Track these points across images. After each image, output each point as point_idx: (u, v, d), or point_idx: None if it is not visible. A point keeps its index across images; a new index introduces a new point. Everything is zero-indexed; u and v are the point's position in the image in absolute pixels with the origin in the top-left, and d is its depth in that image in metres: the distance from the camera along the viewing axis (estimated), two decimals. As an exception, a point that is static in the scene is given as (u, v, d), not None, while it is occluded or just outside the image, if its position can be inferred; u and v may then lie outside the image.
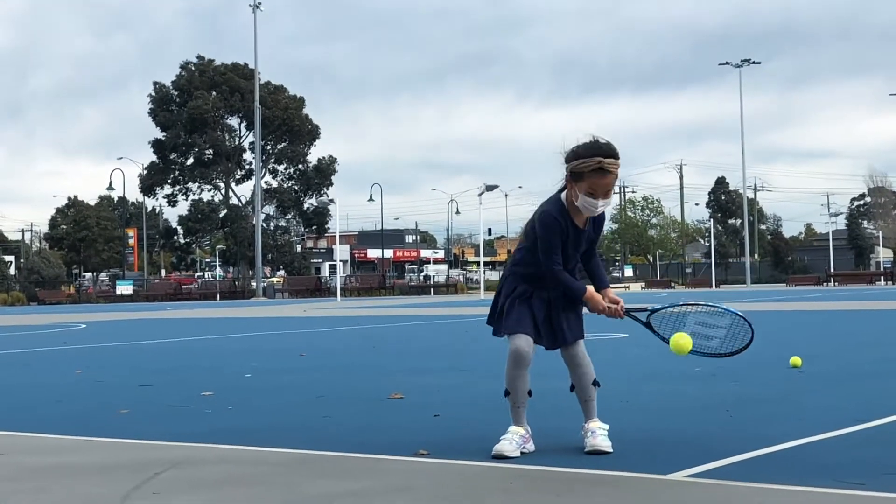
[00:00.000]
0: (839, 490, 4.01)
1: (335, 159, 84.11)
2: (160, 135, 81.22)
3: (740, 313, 5.10)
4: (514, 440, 4.98)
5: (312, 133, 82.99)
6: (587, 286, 5.06)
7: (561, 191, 5.04)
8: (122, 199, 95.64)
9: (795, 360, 9.97)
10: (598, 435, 5.03)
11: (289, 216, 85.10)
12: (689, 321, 5.16)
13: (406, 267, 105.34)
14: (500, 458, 4.88)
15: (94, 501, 4.20)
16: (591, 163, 4.86)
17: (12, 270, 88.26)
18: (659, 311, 5.19)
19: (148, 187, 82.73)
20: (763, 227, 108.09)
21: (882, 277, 75.83)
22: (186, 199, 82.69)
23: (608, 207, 5.03)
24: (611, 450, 4.96)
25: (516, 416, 5.09)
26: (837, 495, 3.94)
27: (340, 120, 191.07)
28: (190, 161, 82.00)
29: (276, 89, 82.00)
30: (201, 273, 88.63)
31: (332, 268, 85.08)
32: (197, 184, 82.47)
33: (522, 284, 5.13)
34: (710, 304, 5.23)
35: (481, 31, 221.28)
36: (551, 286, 5.08)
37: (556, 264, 5.02)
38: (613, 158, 4.89)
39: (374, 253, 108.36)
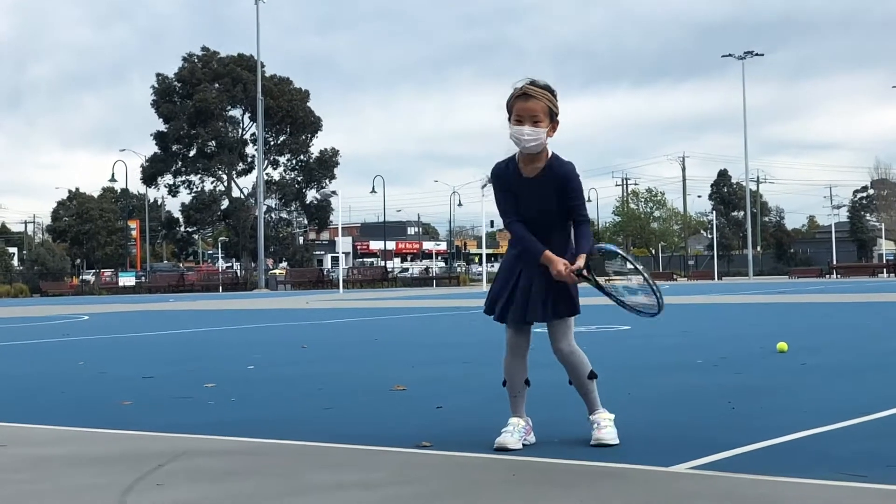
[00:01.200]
0: (841, 482, 4.01)
1: (337, 151, 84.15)
2: (162, 126, 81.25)
3: (629, 258, 5.03)
4: (515, 432, 4.98)
5: (315, 125, 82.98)
6: (545, 250, 4.90)
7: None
8: (125, 191, 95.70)
9: (782, 345, 10.01)
10: (604, 427, 5.02)
11: (291, 208, 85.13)
12: (615, 279, 5.11)
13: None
14: (503, 450, 4.88)
15: (96, 493, 4.20)
16: (515, 90, 4.91)
17: (15, 262, 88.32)
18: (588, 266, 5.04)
19: (150, 177, 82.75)
20: (766, 219, 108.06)
21: (884, 270, 75.78)
22: (189, 192, 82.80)
23: (539, 141, 4.85)
24: (616, 442, 4.96)
25: (514, 405, 5.09)
26: (839, 487, 3.94)
27: (341, 111, 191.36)
28: (192, 153, 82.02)
29: (280, 81, 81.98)
30: (229, 263, 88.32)
31: (335, 259, 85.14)
32: (199, 175, 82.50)
33: (513, 260, 5.10)
34: (603, 247, 5.10)
35: (482, 22, 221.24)
36: (527, 254, 4.97)
37: (508, 217, 4.98)
38: (540, 88, 4.88)
39: (376, 245, 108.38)
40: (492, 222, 79.88)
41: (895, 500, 3.76)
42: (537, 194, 4.95)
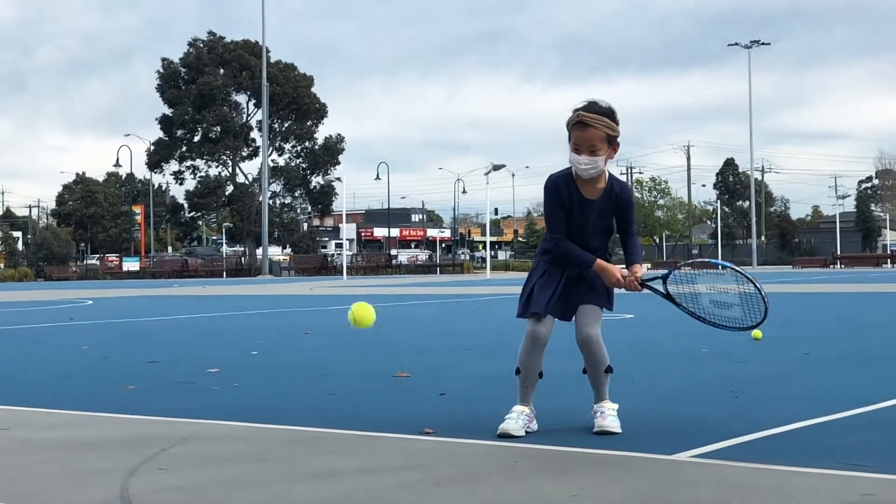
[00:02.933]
0: (843, 472, 4.01)
1: (343, 138, 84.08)
2: (168, 111, 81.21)
3: (739, 269, 5.07)
4: (519, 419, 4.98)
5: (320, 112, 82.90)
6: (597, 258, 4.98)
7: None
8: (130, 176, 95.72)
9: (756, 333, 10.00)
10: (608, 415, 5.03)
11: (295, 194, 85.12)
12: (702, 291, 5.16)
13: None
14: (506, 436, 4.89)
15: (100, 476, 4.21)
16: (572, 116, 4.90)
17: (20, 246, 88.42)
18: (670, 276, 5.14)
19: (155, 163, 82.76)
20: (771, 209, 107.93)
21: (889, 260, 75.69)
22: (194, 177, 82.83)
23: (597, 170, 4.89)
24: (619, 430, 4.96)
25: (523, 395, 5.09)
26: (841, 476, 3.94)
27: (346, 98, 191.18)
28: (197, 138, 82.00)
29: (286, 67, 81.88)
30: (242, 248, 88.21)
31: (339, 246, 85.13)
32: (204, 160, 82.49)
33: (552, 268, 5.11)
34: (713, 261, 5.20)
35: (487, 10, 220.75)
36: (571, 266, 5.03)
37: (557, 232, 5.00)
38: (596, 113, 4.86)
39: (380, 232, 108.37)
40: (496, 210, 79.84)
41: (897, 490, 3.77)
42: (597, 214, 5.02)
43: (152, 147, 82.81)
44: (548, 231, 5.07)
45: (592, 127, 4.85)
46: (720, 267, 5.12)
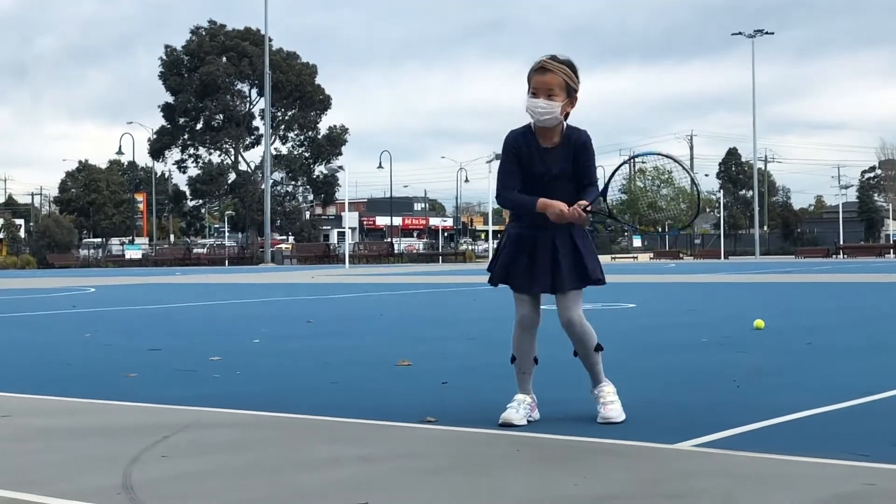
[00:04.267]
0: (845, 461, 4.01)
1: (346, 129, 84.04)
2: (170, 99, 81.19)
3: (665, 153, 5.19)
4: (520, 408, 4.98)
5: (324, 102, 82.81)
6: (539, 198, 4.88)
7: None
8: (132, 164, 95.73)
9: (759, 322, 10.03)
10: (609, 403, 5.01)
11: (298, 183, 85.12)
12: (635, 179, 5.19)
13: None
14: (508, 426, 4.89)
15: (102, 463, 4.22)
16: (535, 64, 4.93)
17: (22, 233, 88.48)
18: (606, 189, 5.04)
19: (157, 151, 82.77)
20: (774, 198, 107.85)
21: (892, 250, 75.64)
22: (196, 165, 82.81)
23: (552, 115, 4.85)
24: (622, 419, 4.95)
25: (521, 382, 5.09)
26: (843, 466, 3.94)
27: (348, 86, 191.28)
28: (200, 126, 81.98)
29: (288, 55, 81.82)
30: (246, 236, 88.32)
31: (341, 235, 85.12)
32: (206, 148, 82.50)
33: (512, 227, 5.09)
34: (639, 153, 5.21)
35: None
36: (521, 213, 4.99)
37: (508, 188, 4.97)
38: (557, 62, 4.90)
39: (382, 220, 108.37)
40: (498, 199, 79.63)
41: (899, 480, 3.77)
42: (554, 162, 4.97)
43: (154, 135, 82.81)
44: (497, 186, 5.03)
45: (552, 72, 4.89)
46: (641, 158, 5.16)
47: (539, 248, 4.99)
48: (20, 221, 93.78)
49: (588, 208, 4.87)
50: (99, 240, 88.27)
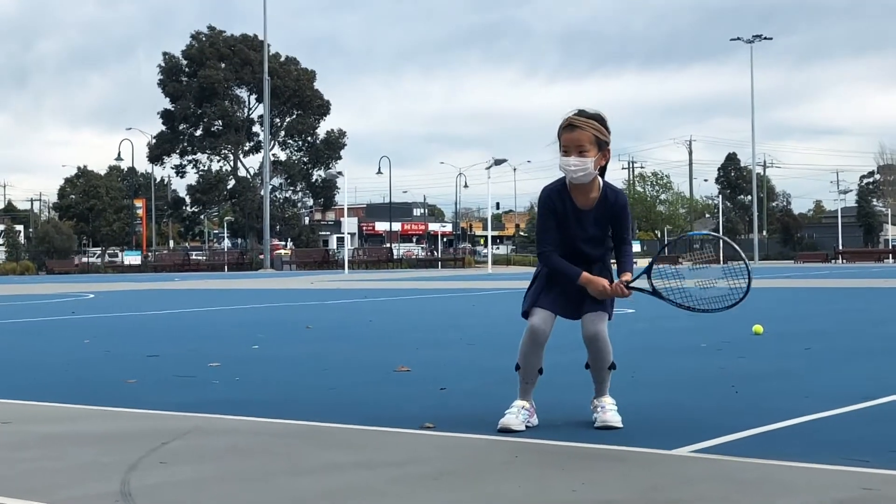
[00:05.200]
0: (844, 466, 4.01)
1: (345, 133, 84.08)
2: (169, 105, 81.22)
3: (724, 238, 5.10)
4: (519, 414, 4.98)
5: (323, 108, 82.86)
6: (583, 272, 4.96)
7: None
8: (132, 170, 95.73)
9: (757, 327, 10.05)
10: (609, 410, 5.03)
11: (297, 188, 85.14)
12: (688, 281, 5.16)
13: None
14: (506, 431, 4.89)
15: (101, 470, 4.22)
16: (563, 121, 4.93)
17: (21, 239, 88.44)
18: (652, 270, 5.13)
19: (156, 156, 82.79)
20: (773, 203, 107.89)
21: (891, 255, 75.65)
22: (195, 171, 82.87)
23: (586, 171, 4.87)
24: (620, 425, 4.96)
25: (523, 391, 5.08)
26: (842, 472, 3.94)
27: (348, 92, 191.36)
28: (199, 132, 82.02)
29: (287, 61, 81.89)
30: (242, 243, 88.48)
31: (340, 240, 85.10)
32: (206, 154, 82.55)
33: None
34: (692, 234, 5.18)
35: (489, 3, 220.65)
36: (560, 279, 5.03)
37: (546, 245, 4.99)
38: (585, 117, 4.89)
39: (382, 226, 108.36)
40: (497, 204, 79.83)
41: (897, 486, 3.77)
42: (592, 224, 5.02)
43: (154, 141, 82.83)
44: (537, 243, 5.08)
45: (580, 128, 4.88)
46: (700, 241, 5.13)
47: (569, 286, 5.03)
48: (20, 227, 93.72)
49: (631, 284, 4.96)
50: (98, 249, 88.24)
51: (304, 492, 3.81)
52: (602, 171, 5.02)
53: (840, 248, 78.13)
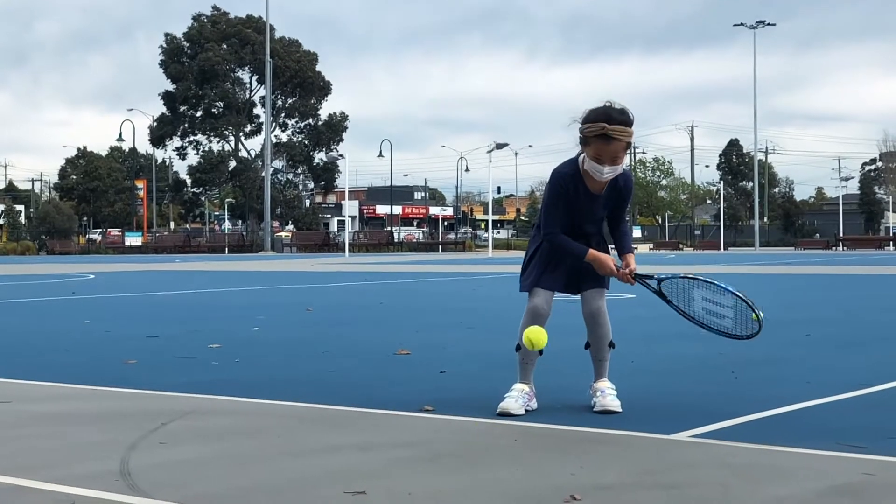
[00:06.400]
0: (841, 453, 4.02)
1: (346, 115, 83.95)
2: (170, 86, 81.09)
3: (741, 294, 5.00)
4: (519, 398, 4.98)
5: (324, 89, 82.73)
6: (589, 248, 4.96)
7: (581, 153, 4.96)
8: (133, 151, 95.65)
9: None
10: (608, 395, 5.03)
11: (298, 171, 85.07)
12: (696, 296, 5.11)
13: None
14: (506, 415, 4.89)
15: (100, 450, 4.22)
16: (596, 128, 4.76)
17: (22, 219, 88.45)
18: (666, 280, 5.14)
19: (158, 138, 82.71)
20: (775, 190, 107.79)
21: (891, 243, 75.64)
22: (196, 152, 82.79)
23: (620, 172, 4.92)
24: (620, 409, 4.97)
25: (523, 371, 5.09)
26: (840, 458, 3.95)
27: (349, 74, 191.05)
28: (200, 113, 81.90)
29: (290, 43, 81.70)
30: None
31: (341, 223, 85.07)
32: (207, 136, 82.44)
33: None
34: (713, 281, 5.12)
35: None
36: (564, 257, 5.03)
37: (554, 227, 4.97)
38: (621, 125, 4.76)
39: (382, 209, 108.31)
40: (498, 188, 79.73)
41: (895, 472, 3.77)
42: (601, 207, 5.04)
43: (155, 122, 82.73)
44: (544, 224, 5.02)
45: (616, 140, 4.79)
46: (722, 289, 5.05)
47: (570, 261, 5.04)
48: (20, 207, 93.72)
49: (638, 274, 4.99)
50: (99, 230, 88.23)
51: (303, 474, 3.82)
52: None
53: (841, 235, 78.10)
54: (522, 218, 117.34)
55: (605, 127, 4.75)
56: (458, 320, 10.75)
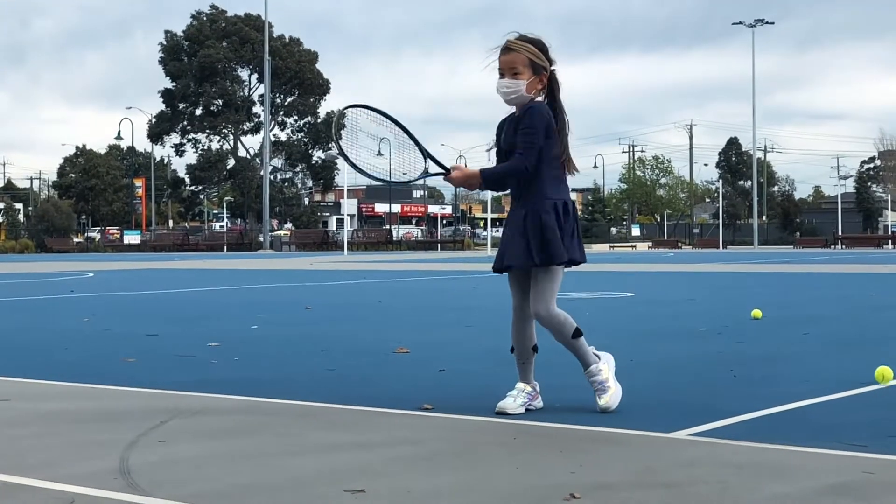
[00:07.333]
0: (841, 451, 4.02)
1: (345, 114, 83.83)
2: (169, 84, 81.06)
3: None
4: (518, 397, 4.97)
5: (323, 87, 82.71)
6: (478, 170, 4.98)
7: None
8: (131, 149, 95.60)
9: (756, 312, 10.06)
10: (605, 392, 4.96)
11: (297, 169, 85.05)
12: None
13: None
14: (503, 414, 4.89)
15: (99, 448, 4.22)
16: (501, 46, 4.95)
17: (21, 218, 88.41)
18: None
19: (156, 135, 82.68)
20: (774, 188, 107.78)
21: (890, 241, 75.65)
22: (195, 150, 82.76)
23: (518, 93, 4.86)
24: (617, 401, 4.95)
25: (522, 371, 5.07)
26: (840, 456, 3.95)
27: (347, 73, 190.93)
28: (199, 111, 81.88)
29: (290, 42, 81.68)
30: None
31: (340, 221, 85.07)
32: (205, 134, 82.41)
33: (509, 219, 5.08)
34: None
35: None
36: (517, 203, 4.99)
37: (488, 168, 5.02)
38: (521, 41, 4.90)
39: (381, 207, 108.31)
40: (497, 187, 79.38)
41: None
42: (507, 136, 5.00)
43: (154, 120, 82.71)
44: (528, 157, 4.84)
45: (515, 51, 4.89)
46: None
47: (510, 226, 4.99)
48: (19, 206, 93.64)
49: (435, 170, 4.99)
50: (98, 228, 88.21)
51: (302, 471, 3.82)
52: (553, 97, 4.96)
53: (839, 233, 78.09)
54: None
55: (507, 41, 4.93)
56: (457, 319, 10.75)
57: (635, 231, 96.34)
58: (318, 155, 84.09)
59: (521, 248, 4.89)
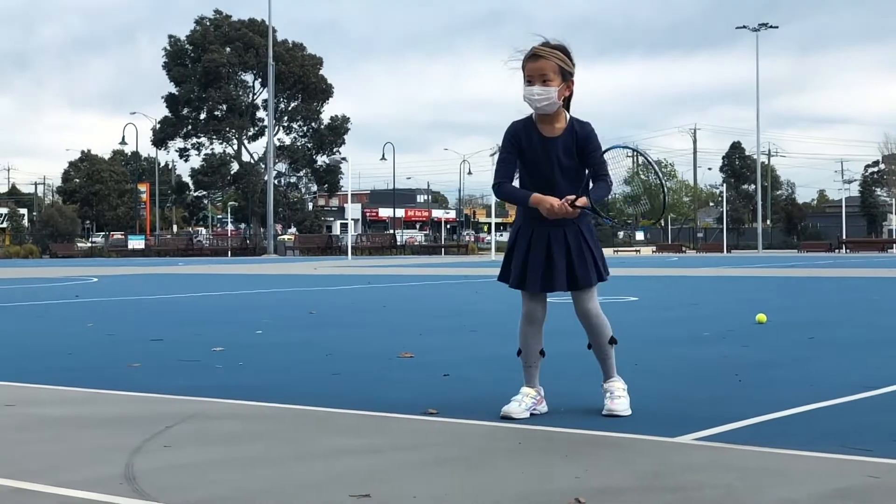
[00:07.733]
0: (846, 456, 4.01)
1: (348, 118, 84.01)
2: (173, 89, 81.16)
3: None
4: (524, 401, 4.97)
5: (327, 92, 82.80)
6: (533, 193, 4.89)
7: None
8: (136, 154, 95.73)
9: (761, 316, 10.05)
10: (616, 397, 5.00)
11: (301, 174, 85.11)
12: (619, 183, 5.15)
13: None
14: (508, 419, 4.89)
15: (105, 453, 4.22)
16: (527, 52, 4.92)
17: (25, 223, 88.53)
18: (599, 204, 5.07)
19: (160, 140, 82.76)
20: (778, 192, 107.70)
21: (894, 245, 75.54)
22: (199, 154, 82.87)
23: (550, 100, 4.83)
24: (627, 413, 4.94)
25: (528, 375, 5.08)
26: (845, 461, 3.94)
27: (351, 77, 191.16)
28: (203, 116, 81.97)
29: (294, 46, 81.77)
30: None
31: (344, 226, 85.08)
32: (209, 139, 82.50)
33: (524, 224, 5.05)
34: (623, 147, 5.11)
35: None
36: (518, 205, 4.99)
37: (500, 178, 4.97)
38: (547, 48, 4.89)
39: (385, 212, 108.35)
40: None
41: (900, 475, 3.77)
42: (562, 153, 4.94)
43: (158, 125, 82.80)
44: (495, 176, 4.99)
45: (544, 58, 4.87)
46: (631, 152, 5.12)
47: (553, 245, 4.97)
48: (24, 211, 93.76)
49: (576, 202, 4.85)
50: (102, 233, 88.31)
51: (307, 477, 3.82)
52: (567, 103, 4.98)
53: (844, 237, 78.01)
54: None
55: (534, 47, 4.91)
56: (461, 323, 10.74)
57: (639, 235, 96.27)
58: (321, 160, 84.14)
59: (588, 265, 4.98)
